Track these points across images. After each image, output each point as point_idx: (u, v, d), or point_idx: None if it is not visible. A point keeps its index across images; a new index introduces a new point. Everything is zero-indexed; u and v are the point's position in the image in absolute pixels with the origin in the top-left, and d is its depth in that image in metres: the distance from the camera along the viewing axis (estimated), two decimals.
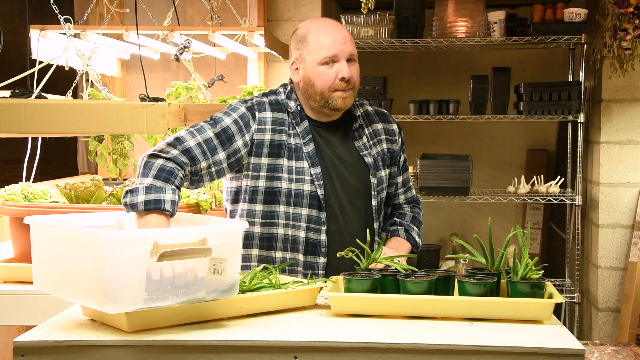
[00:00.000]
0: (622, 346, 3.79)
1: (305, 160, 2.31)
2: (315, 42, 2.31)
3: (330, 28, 2.32)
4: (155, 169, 2.10)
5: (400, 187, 2.52)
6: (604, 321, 4.28)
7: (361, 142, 2.41)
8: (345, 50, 2.30)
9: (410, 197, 2.55)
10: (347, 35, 2.33)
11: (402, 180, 2.52)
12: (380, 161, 2.42)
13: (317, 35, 2.31)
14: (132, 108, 1.80)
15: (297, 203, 2.30)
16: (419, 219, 2.52)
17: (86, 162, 4.36)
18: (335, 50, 2.29)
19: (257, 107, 2.34)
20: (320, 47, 2.29)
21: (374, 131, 2.45)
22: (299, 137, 2.33)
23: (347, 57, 2.30)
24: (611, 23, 3.89)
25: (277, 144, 2.31)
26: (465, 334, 1.74)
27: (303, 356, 1.68)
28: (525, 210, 5.38)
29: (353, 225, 2.35)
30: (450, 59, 5.26)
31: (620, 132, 4.21)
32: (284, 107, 2.37)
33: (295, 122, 2.35)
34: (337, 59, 2.29)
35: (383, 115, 2.50)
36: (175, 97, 3.48)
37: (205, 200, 2.68)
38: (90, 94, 3.01)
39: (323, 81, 2.30)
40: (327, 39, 2.30)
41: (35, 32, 3.11)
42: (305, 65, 2.33)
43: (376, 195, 2.39)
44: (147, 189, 2.03)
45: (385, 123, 2.49)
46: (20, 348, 1.68)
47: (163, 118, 1.83)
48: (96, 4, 3.84)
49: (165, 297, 1.72)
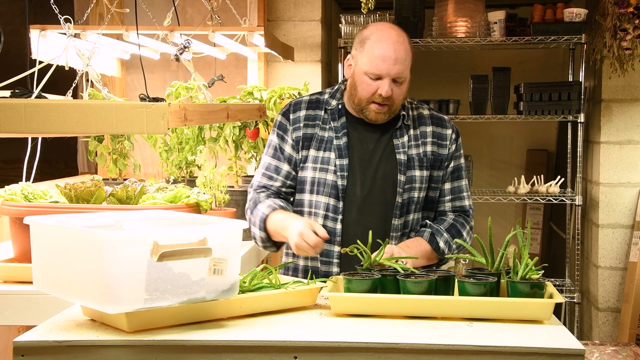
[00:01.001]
0: (622, 346, 3.79)
1: (333, 152, 2.41)
2: (369, 51, 2.33)
3: (387, 44, 2.32)
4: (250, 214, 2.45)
5: (447, 195, 2.48)
6: (604, 321, 4.28)
7: (400, 141, 2.43)
8: (392, 72, 2.32)
9: (457, 207, 2.50)
10: (401, 54, 2.32)
11: (449, 187, 2.48)
12: (417, 161, 2.42)
13: (374, 47, 2.33)
14: (132, 108, 1.80)
15: (319, 191, 2.41)
16: (459, 228, 2.44)
17: (86, 162, 4.36)
18: (382, 70, 2.31)
19: (292, 108, 2.49)
20: (371, 59, 2.32)
21: (421, 133, 2.47)
22: (333, 130, 2.44)
23: (393, 77, 2.33)
24: (611, 23, 3.89)
25: (309, 137, 2.44)
26: (465, 334, 1.74)
27: (303, 356, 1.68)
28: (525, 210, 5.38)
29: (371, 219, 2.38)
30: (450, 59, 5.26)
31: (620, 132, 4.21)
32: (322, 105, 2.48)
33: (332, 117, 2.45)
34: (381, 77, 2.32)
35: (439, 120, 2.51)
36: (175, 97, 3.48)
37: (205, 200, 2.68)
38: (90, 94, 3.01)
39: (364, 90, 2.36)
40: (379, 56, 2.31)
41: (35, 32, 3.11)
42: (356, 68, 2.39)
43: (402, 193, 2.40)
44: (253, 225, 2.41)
45: (438, 127, 2.49)
46: (20, 348, 1.68)
47: (163, 118, 1.82)
48: (96, 4, 3.84)
49: (165, 297, 1.72)
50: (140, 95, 2.37)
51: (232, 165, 3.44)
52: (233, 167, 3.44)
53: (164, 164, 3.56)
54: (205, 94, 3.27)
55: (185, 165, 3.55)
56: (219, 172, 3.02)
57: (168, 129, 1.88)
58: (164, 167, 3.58)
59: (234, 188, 3.34)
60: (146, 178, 3.24)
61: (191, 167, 3.58)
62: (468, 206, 2.52)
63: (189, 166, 3.56)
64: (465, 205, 2.51)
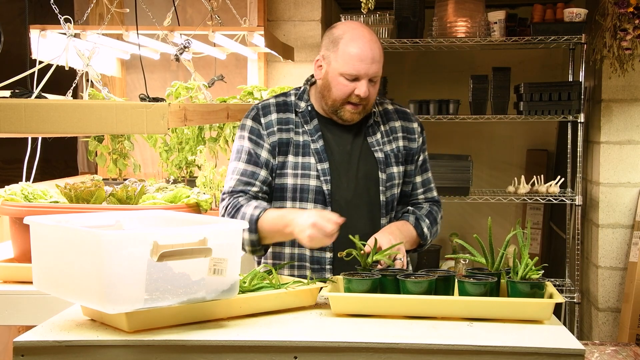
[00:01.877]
0: (622, 346, 3.79)
1: (312, 156, 2.34)
2: (344, 52, 2.28)
3: (363, 43, 2.28)
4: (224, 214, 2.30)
5: (419, 187, 2.49)
6: (604, 321, 4.28)
7: (374, 139, 2.41)
8: (370, 72, 2.28)
9: (430, 198, 2.52)
10: (377, 54, 2.29)
11: (421, 180, 2.50)
12: (393, 157, 2.42)
13: (348, 47, 2.28)
14: (132, 108, 1.80)
15: (302, 198, 2.33)
16: (435, 216, 2.47)
17: (86, 162, 4.36)
18: (360, 70, 2.27)
19: (262, 112, 2.38)
20: (347, 60, 2.27)
21: (391, 128, 2.45)
22: (307, 134, 2.36)
23: (369, 77, 2.30)
24: (611, 23, 3.89)
25: (285, 142, 2.35)
26: (465, 334, 1.74)
27: (303, 356, 1.68)
28: (525, 210, 5.38)
29: (359, 220, 2.34)
30: (450, 59, 5.26)
31: (620, 132, 4.21)
32: (292, 107, 2.40)
33: (304, 120, 2.37)
34: (359, 78, 2.28)
35: (404, 114, 2.50)
36: (175, 97, 3.48)
37: (205, 200, 2.68)
38: (90, 94, 3.01)
39: (339, 91, 2.30)
40: (356, 56, 2.27)
41: (35, 32, 3.11)
42: (329, 69, 2.32)
43: (385, 191, 2.39)
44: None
45: (405, 121, 2.48)
46: (20, 348, 1.68)
47: (163, 118, 1.82)
48: (96, 4, 3.84)
49: (165, 297, 1.72)
50: (140, 95, 2.37)
51: None
52: None
53: (164, 164, 3.57)
54: (205, 94, 3.28)
55: (185, 165, 3.55)
56: (219, 172, 3.02)
57: (168, 129, 1.88)
58: (164, 167, 3.58)
59: None
60: (146, 178, 3.25)
61: (191, 167, 3.58)
62: (437, 197, 2.55)
63: (189, 166, 3.56)
64: (436, 196, 2.54)
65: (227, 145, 3.47)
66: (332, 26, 2.40)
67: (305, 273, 2.32)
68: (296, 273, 2.35)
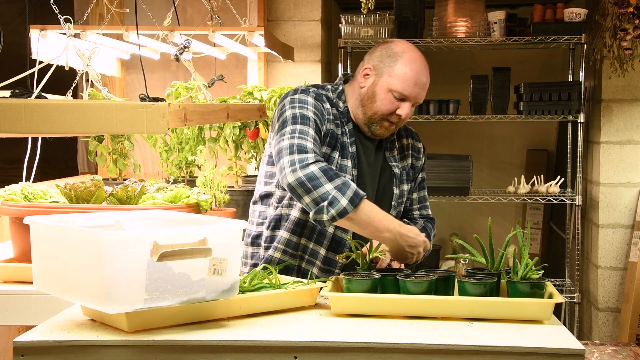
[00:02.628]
0: (622, 346, 3.79)
1: (350, 160, 2.34)
2: (401, 71, 2.29)
3: (421, 68, 2.32)
4: (321, 174, 2.11)
5: (415, 204, 2.53)
6: (604, 321, 4.28)
7: (391, 154, 2.46)
8: (418, 98, 2.33)
9: (425, 215, 2.55)
10: (427, 82, 2.34)
11: (417, 197, 2.53)
12: (405, 175, 2.47)
13: (407, 67, 2.29)
14: (132, 108, 1.80)
15: None
16: (429, 232, 2.47)
17: (86, 162, 4.36)
18: (412, 93, 2.30)
19: (316, 97, 2.33)
20: (402, 80, 2.29)
21: (402, 145, 2.50)
22: (346, 135, 2.36)
23: (415, 101, 2.34)
24: (611, 23, 3.89)
25: (335, 136, 2.33)
26: (465, 334, 1.74)
27: (303, 356, 1.68)
28: (525, 210, 5.38)
29: None
30: (450, 59, 5.26)
31: (620, 132, 4.21)
32: (334, 103, 2.39)
33: (345, 120, 2.38)
34: (406, 99, 2.31)
35: (411, 133, 2.56)
36: (175, 97, 3.48)
37: (205, 200, 2.68)
38: (90, 94, 3.01)
39: (384, 106, 2.31)
40: (412, 78, 2.29)
41: (35, 32, 3.11)
42: (379, 81, 2.32)
43: (396, 206, 2.43)
44: (339, 189, 2.09)
45: (413, 140, 2.54)
46: (20, 348, 1.68)
47: (163, 118, 1.82)
48: (96, 4, 3.85)
49: (165, 297, 1.72)
50: (140, 95, 2.37)
51: (232, 165, 3.44)
52: (233, 167, 3.44)
53: (164, 164, 3.57)
54: (205, 94, 3.27)
55: (185, 165, 3.55)
56: (219, 172, 3.02)
57: (168, 129, 1.88)
58: (164, 167, 3.58)
59: (234, 188, 3.34)
60: (146, 178, 3.24)
61: (191, 167, 3.58)
62: (431, 215, 2.58)
63: (189, 166, 3.56)
64: (430, 214, 2.57)
65: (227, 145, 3.47)
66: (390, 41, 2.40)
67: (313, 270, 2.35)
68: (303, 265, 2.37)
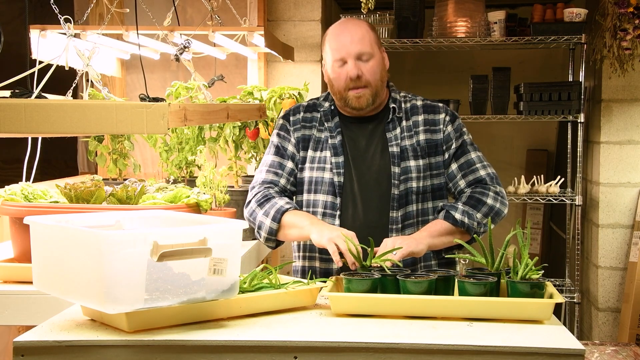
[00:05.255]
0: (622, 346, 3.79)
1: (329, 150, 2.45)
2: (329, 44, 2.43)
3: (341, 29, 2.42)
4: (256, 206, 2.43)
5: (457, 174, 2.46)
6: (604, 321, 4.28)
7: (392, 134, 2.46)
8: (352, 51, 2.37)
9: (473, 179, 2.45)
10: (357, 34, 2.39)
11: (457, 166, 2.46)
12: (411, 151, 2.44)
13: (331, 38, 2.43)
14: (132, 108, 1.80)
15: (317, 190, 2.45)
16: (478, 197, 2.38)
17: (86, 162, 4.36)
18: (342, 52, 2.38)
19: (292, 112, 2.56)
20: (332, 48, 2.41)
21: (414, 123, 2.49)
22: (328, 131, 2.49)
23: (355, 56, 2.37)
24: (611, 23, 3.89)
25: (307, 138, 2.50)
26: (465, 334, 1.74)
27: (303, 356, 1.68)
28: (525, 210, 5.38)
29: (369, 213, 2.41)
30: (450, 59, 5.26)
31: (620, 132, 4.21)
32: (317, 107, 2.54)
33: (326, 119, 2.51)
34: (345, 60, 2.38)
35: (431, 107, 2.51)
36: (175, 97, 3.48)
37: (205, 200, 2.68)
38: (90, 94, 3.00)
39: (338, 81, 2.42)
40: (336, 42, 2.40)
41: (35, 32, 3.11)
42: (327, 67, 2.46)
43: (398, 184, 2.41)
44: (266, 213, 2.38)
45: (430, 114, 2.49)
46: (20, 348, 1.68)
47: (163, 118, 1.82)
48: (96, 4, 3.84)
49: (165, 297, 1.72)
50: (140, 95, 2.37)
51: (232, 165, 3.44)
52: (233, 167, 3.43)
53: (164, 164, 3.56)
54: (205, 94, 3.27)
55: (185, 165, 3.55)
56: (219, 172, 3.02)
57: (168, 129, 1.88)
58: (164, 167, 3.58)
59: (234, 188, 3.34)
60: (146, 178, 3.24)
61: (191, 167, 3.58)
62: (484, 175, 2.45)
63: (189, 166, 3.56)
64: (479, 176, 2.45)
65: (227, 145, 3.47)
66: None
67: (315, 264, 2.44)
68: (307, 264, 2.47)
